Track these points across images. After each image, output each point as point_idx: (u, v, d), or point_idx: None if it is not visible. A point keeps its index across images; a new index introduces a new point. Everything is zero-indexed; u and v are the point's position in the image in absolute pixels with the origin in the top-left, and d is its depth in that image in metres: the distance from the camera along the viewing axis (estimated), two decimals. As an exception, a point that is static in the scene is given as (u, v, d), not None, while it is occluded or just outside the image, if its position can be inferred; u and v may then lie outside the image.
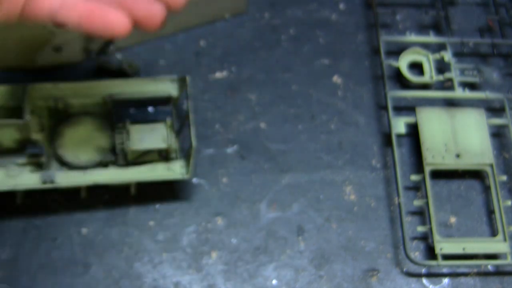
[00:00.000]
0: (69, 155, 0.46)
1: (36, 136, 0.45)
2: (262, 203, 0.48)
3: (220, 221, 0.47)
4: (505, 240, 0.46)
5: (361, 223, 0.48)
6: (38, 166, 0.45)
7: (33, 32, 0.51)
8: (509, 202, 0.48)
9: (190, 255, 0.46)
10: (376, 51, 0.55)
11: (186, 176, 0.45)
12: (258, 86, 0.53)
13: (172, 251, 0.46)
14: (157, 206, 0.47)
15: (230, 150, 0.50)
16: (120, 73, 0.51)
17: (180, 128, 0.47)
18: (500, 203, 0.48)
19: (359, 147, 0.51)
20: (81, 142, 0.46)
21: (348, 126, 0.52)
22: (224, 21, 0.56)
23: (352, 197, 0.49)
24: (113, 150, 0.47)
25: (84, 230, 0.46)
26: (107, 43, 0.50)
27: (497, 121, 0.52)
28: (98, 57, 0.51)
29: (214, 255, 0.46)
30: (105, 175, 0.45)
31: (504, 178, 0.49)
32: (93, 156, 0.46)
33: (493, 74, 0.55)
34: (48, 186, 0.44)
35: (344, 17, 0.57)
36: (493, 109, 0.53)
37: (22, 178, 0.44)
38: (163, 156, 0.46)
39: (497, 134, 0.52)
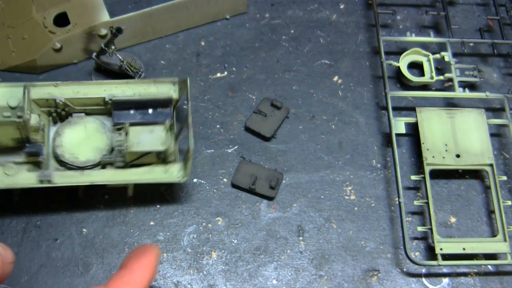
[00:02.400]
0: (67, 155, 0.46)
1: (35, 135, 0.45)
2: (262, 203, 0.48)
3: (220, 221, 0.47)
4: (505, 240, 0.46)
5: (361, 223, 0.48)
6: (36, 165, 0.45)
7: (33, 32, 0.51)
8: (509, 202, 0.48)
9: (190, 255, 0.46)
10: (376, 51, 0.55)
11: (182, 180, 0.45)
12: (258, 86, 0.53)
13: (173, 251, 0.46)
14: (157, 206, 0.47)
15: (230, 150, 0.50)
16: (121, 73, 0.51)
17: (180, 130, 0.47)
18: (500, 203, 0.48)
19: (359, 147, 0.51)
20: (80, 142, 0.46)
21: (348, 126, 0.52)
22: (224, 21, 0.56)
23: (352, 197, 0.49)
24: (111, 151, 0.46)
25: (84, 230, 0.46)
26: (108, 42, 0.50)
27: (497, 121, 0.52)
28: (98, 57, 0.51)
29: (214, 255, 0.46)
30: (102, 176, 0.45)
31: (504, 178, 0.49)
32: (91, 157, 0.46)
33: (493, 74, 0.55)
34: (44, 185, 0.44)
35: (344, 17, 0.57)
36: (493, 109, 0.53)
37: (19, 176, 0.44)
38: (162, 158, 0.46)
39: (497, 134, 0.52)
